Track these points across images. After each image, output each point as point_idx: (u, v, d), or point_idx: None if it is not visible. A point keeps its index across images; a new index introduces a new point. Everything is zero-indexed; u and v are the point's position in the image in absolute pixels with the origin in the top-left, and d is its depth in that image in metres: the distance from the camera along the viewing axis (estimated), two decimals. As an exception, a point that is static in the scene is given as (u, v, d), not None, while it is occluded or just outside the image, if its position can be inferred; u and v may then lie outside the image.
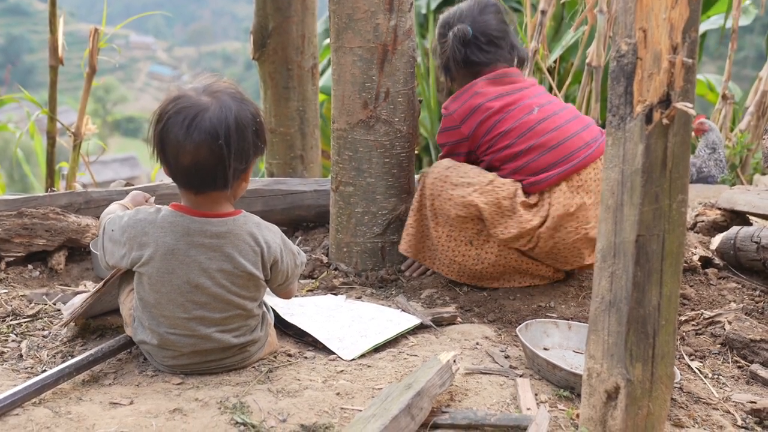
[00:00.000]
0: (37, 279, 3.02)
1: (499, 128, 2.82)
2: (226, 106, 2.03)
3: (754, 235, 3.02)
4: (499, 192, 2.77)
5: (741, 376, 2.32)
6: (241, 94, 2.12)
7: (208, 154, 2.00)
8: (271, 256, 2.15)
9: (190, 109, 2.01)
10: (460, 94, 2.92)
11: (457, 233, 2.85)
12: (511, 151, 2.81)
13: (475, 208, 2.76)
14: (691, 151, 1.88)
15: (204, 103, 2.02)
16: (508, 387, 2.10)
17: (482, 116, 2.84)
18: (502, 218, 2.76)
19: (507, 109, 2.83)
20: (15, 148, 5.68)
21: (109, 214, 2.26)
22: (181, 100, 2.03)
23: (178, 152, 2.02)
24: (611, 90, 1.65)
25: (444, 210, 2.83)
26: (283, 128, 4.48)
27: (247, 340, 2.17)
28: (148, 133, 2.09)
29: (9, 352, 2.30)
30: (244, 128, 2.04)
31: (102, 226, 2.21)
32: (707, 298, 2.88)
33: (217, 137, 1.99)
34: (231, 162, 2.02)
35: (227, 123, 2.00)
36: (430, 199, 2.86)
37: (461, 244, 2.86)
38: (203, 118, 1.99)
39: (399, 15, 2.95)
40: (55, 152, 4.64)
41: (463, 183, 2.80)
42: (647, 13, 1.57)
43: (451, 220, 2.82)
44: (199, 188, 2.07)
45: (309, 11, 4.44)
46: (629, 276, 1.65)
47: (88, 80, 4.59)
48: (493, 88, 2.89)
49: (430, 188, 2.86)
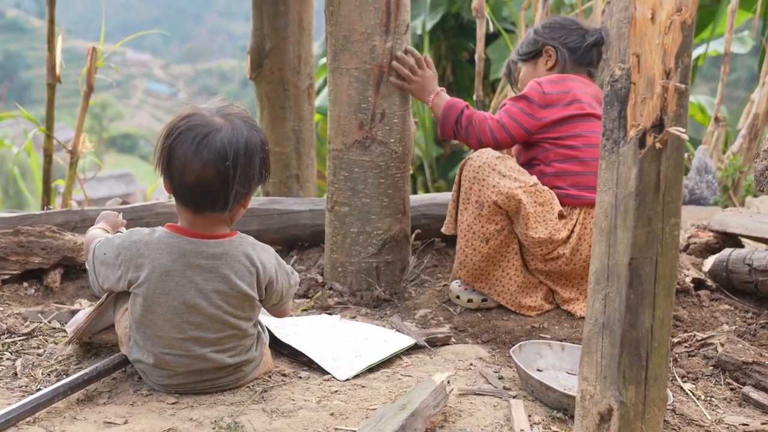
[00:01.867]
0: (32, 297, 3.02)
1: (577, 128, 2.90)
2: (238, 129, 2.04)
3: (746, 258, 3.03)
4: (540, 196, 2.81)
5: (733, 398, 2.32)
6: (253, 120, 2.13)
7: (214, 174, 2.01)
8: (266, 277, 2.15)
9: (203, 127, 2.02)
10: (557, 80, 3.00)
11: (479, 225, 2.84)
12: (570, 153, 2.89)
13: (517, 203, 2.77)
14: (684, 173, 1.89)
15: (217, 124, 2.03)
16: (501, 408, 2.10)
17: (572, 108, 2.91)
18: (537, 220, 2.79)
19: (590, 118, 2.92)
20: (12, 165, 5.69)
21: (95, 238, 2.24)
22: (195, 117, 2.04)
23: (184, 168, 2.02)
24: (605, 114, 1.66)
25: (482, 195, 2.82)
26: (279, 148, 4.49)
27: (242, 360, 2.17)
28: (156, 147, 2.08)
29: (4, 371, 2.29)
30: (252, 154, 2.05)
31: (91, 250, 2.18)
32: (700, 320, 2.89)
33: (225, 158, 1.99)
34: (234, 185, 2.02)
35: (237, 146, 2.01)
36: (470, 182, 2.85)
37: (477, 238, 2.86)
38: (215, 137, 2.00)
39: (395, 37, 2.97)
40: (51, 170, 4.65)
41: (510, 176, 2.81)
42: (641, 38, 1.59)
43: (484, 207, 2.82)
44: (199, 207, 2.07)
45: (306, 32, 4.46)
46: (622, 298, 1.66)
47: (86, 99, 4.61)
48: (587, 88, 3.00)
49: (475, 171, 2.84)
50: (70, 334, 2.36)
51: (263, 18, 4.38)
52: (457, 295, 2.99)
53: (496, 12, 8.82)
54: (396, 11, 2.96)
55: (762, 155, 2.38)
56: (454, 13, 9.36)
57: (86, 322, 2.30)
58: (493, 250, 2.86)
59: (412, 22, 8.34)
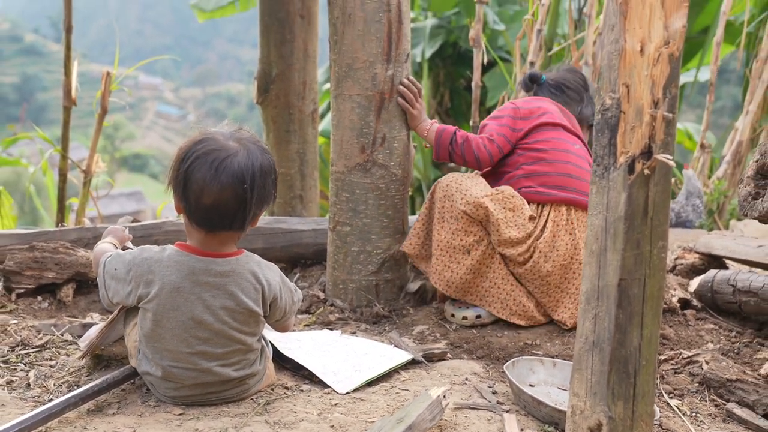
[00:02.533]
0: (46, 310, 3.01)
1: (545, 134, 3.01)
2: (252, 153, 2.06)
3: (731, 279, 3.03)
4: (509, 202, 2.87)
5: (718, 414, 2.31)
6: (263, 144, 2.16)
7: (231, 196, 2.02)
8: (271, 294, 2.15)
9: (220, 152, 2.02)
10: (530, 99, 3.19)
11: (458, 239, 2.87)
12: (538, 156, 2.97)
13: (484, 210, 2.82)
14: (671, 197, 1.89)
15: (233, 148, 2.04)
16: (495, 422, 2.09)
17: (542, 119, 3.04)
18: (508, 225, 2.83)
19: (558, 128, 3.04)
20: (28, 183, 5.69)
21: (105, 252, 2.23)
22: (210, 142, 2.05)
23: (202, 192, 2.01)
24: (596, 141, 1.67)
25: (453, 208, 2.88)
26: (284, 169, 4.50)
27: (246, 373, 2.16)
28: (170, 170, 2.08)
29: (17, 381, 2.29)
30: (266, 176, 2.08)
31: (101, 264, 2.18)
32: (686, 339, 2.89)
33: (243, 181, 2.01)
34: (252, 206, 2.05)
35: (253, 169, 2.03)
36: (441, 201, 2.92)
37: (459, 252, 2.88)
38: (232, 161, 2.01)
39: (396, 65, 2.99)
40: (66, 188, 4.66)
41: (477, 188, 2.90)
42: (630, 69, 1.60)
43: (458, 220, 2.86)
44: (214, 228, 2.07)
45: (310, 59, 4.48)
46: (612, 318, 1.66)
47: (100, 121, 4.62)
48: (559, 113, 3.11)
49: (444, 190, 2.93)
50: (84, 349, 2.36)
51: (270, 45, 4.40)
52: (452, 313, 2.98)
53: (492, 41, 8.86)
54: (397, 41, 2.97)
55: (746, 181, 2.38)
56: (452, 43, 9.41)
57: (98, 337, 2.31)
58: (476, 261, 2.87)
59: (412, 50, 8.38)
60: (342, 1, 2.96)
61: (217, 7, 9.63)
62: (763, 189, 2.36)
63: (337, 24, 2.99)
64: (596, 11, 5.77)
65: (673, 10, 1.58)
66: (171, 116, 69.73)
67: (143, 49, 73.30)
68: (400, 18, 2.98)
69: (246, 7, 9.64)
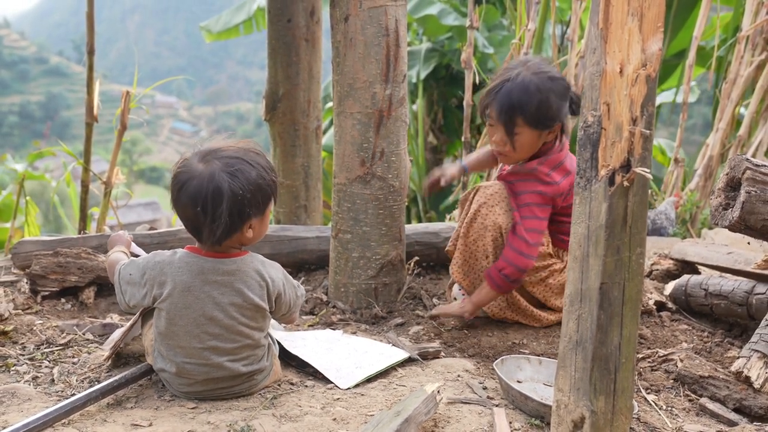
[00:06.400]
0: (68, 311, 3.00)
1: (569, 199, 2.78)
2: (209, 176, 2.00)
3: (703, 283, 3.03)
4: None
5: (692, 408, 2.31)
6: (243, 162, 2.05)
7: (192, 215, 2.03)
8: (275, 290, 2.16)
9: (183, 174, 2.04)
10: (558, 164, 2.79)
11: (481, 243, 2.79)
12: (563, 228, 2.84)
13: (503, 240, 2.76)
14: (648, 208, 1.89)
15: (195, 171, 2.02)
16: (485, 415, 2.09)
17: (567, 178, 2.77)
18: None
19: None
20: (52, 194, 5.69)
21: (119, 261, 2.24)
22: (182, 164, 2.07)
23: (176, 208, 2.07)
24: (579, 155, 1.67)
25: (487, 219, 2.75)
26: (290, 181, 4.49)
27: (254, 368, 2.16)
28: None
29: (42, 377, 2.28)
30: (218, 201, 1.99)
31: (117, 272, 2.18)
32: (661, 338, 2.88)
33: (196, 204, 2.00)
34: (207, 225, 2.02)
35: (206, 194, 1.99)
36: (478, 205, 2.78)
37: (480, 253, 2.81)
38: (190, 185, 2.01)
39: (393, 85, 2.99)
40: (88, 198, 4.64)
41: (507, 215, 2.76)
42: (610, 89, 1.60)
43: (488, 230, 2.76)
44: (197, 238, 2.11)
45: (314, 79, 4.48)
46: (594, 319, 1.65)
47: (119, 136, 4.61)
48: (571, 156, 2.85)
49: (486, 197, 2.78)
50: (108, 351, 2.36)
51: (277, 67, 4.40)
52: (455, 297, 3.00)
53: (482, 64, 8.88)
54: (395, 63, 2.98)
55: (717, 193, 2.39)
56: (445, 64, 9.42)
57: (121, 339, 2.33)
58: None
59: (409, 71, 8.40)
60: (344, 26, 2.96)
61: (224, 29, 9.67)
62: (732, 200, 2.36)
63: (340, 47, 2.99)
64: (578, 36, 5.78)
65: (650, 35, 1.58)
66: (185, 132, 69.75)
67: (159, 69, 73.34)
68: (398, 42, 2.98)
69: (250, 30, 9.69)
